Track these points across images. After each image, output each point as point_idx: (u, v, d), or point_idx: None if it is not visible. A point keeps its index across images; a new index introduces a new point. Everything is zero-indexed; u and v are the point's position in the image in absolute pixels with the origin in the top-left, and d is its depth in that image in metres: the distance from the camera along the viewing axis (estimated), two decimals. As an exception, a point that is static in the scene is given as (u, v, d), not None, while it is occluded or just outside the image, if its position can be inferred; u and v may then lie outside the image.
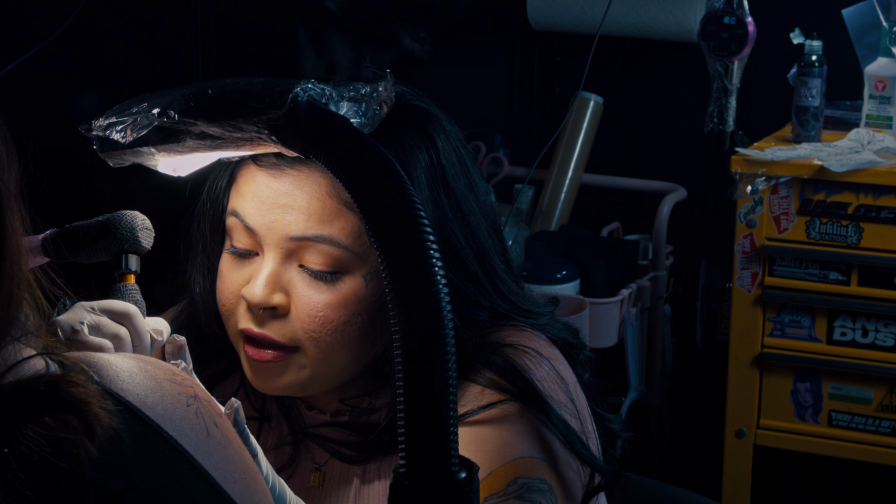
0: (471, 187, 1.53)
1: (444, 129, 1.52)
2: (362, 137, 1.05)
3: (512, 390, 1.48)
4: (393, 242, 0.99)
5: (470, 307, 1.50)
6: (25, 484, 0.90)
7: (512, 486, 1.44)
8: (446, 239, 1.48)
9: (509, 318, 1.55)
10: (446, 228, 1.49)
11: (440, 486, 0.99)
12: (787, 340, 2.92)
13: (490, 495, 1.42)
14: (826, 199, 2.84)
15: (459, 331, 1.48)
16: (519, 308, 1.55)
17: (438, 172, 1.49)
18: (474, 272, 1.51)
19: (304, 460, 1.59)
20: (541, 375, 1.50)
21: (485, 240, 1.53)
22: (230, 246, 1.51)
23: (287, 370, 1.48)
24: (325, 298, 1.45)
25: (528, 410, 1.47)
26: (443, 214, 1.49)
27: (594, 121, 3.37)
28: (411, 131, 1.49)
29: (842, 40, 3.13)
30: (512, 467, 1.45)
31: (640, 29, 3.34)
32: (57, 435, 0.91)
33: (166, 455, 0.98)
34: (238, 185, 1.49)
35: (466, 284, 1.50)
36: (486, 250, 1.53)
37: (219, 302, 1.52)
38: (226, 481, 1.01)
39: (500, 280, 1.55)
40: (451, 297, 1.45)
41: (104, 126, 1.15)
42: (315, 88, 1.08)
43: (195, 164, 1.20)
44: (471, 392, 1.49)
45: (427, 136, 1.50)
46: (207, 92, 1.11)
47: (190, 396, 1.02)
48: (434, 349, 0.98)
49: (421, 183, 1.47)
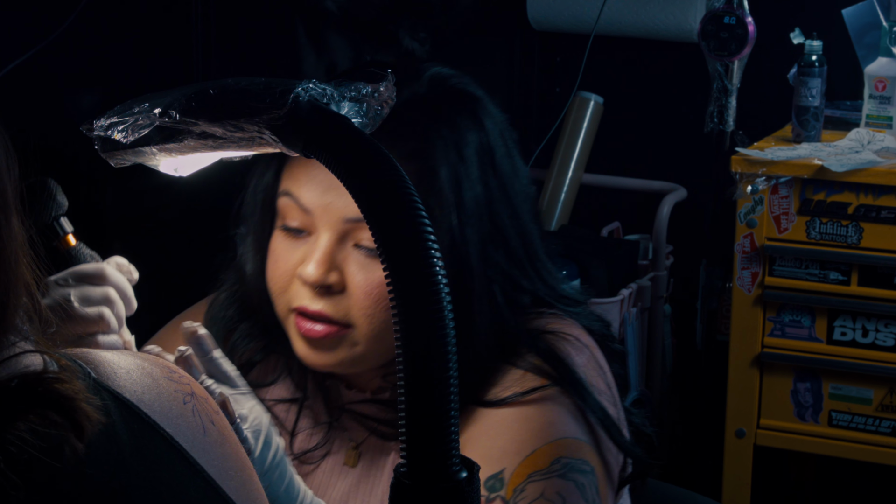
0: (515, 171, 1.56)
1: (490, 113, 1.55)
2: (363, 137, 1.05)
3: (554, 375, 1.50)
4: (394, 242, 0.99)
5: (512, 289, 1.53)
6: (14, 484, 0.89)
7: (556, 465, 1.45)
8: (492, 219, 1.51)
9: (549, 305, 1.57)
10: (493, 209, 1.52)
11: (441, 485, 0.99)
12: (788, 340, 2.92)
13: (534, 472, 1.44)
14: (826, 199, 2.84)
15: (502, 312, 1.51)
16: (558, 293, 1.58)
17: (487, 153, 1.52)
18: (518, 254, 1.54)
19: (341, 440, 1.60)
20: (581, 362, 1.53)
21: (528, 223, 1.56)
22: (283, 224, 1.53)
23: (340, 346, 1.50)
24: (380, 276, 1.45)
25: (570, 395, 1.49)
26: (490, 195, 1.52)
27: (594, 121, 3.37)
28: (462, 112, 1.52)
29: (842, 40, 3.13)
30: (556, 446, 1.46)
31: (640, 29, 3.35)
32: (47, 432, 0.91)
33: (163, 452, 0.98)
34: (291, 166, 1.51)
35: (510, 266, 1.53)
36: (529, 233, 1.56)
37: (270, 281, 1.53)
38: (221, 478, 1.01)
39: (542, 264, 1.58)
40: (495, 278, 1.52)
41: (105, 126, 1.15)
42: (316, 88, 1.08)
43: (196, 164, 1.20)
44: (511, 376, 1.51)
45: (476, 118, 1.53)
46: (209, 92, 1.11)
47: (187, 394, 1.03)
48: (435, 349, 0.98)
49: (472, 162, 1.50)
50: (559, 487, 1.44)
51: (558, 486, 1.44)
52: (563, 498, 1.44)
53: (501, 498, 1.44)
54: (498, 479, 1.45)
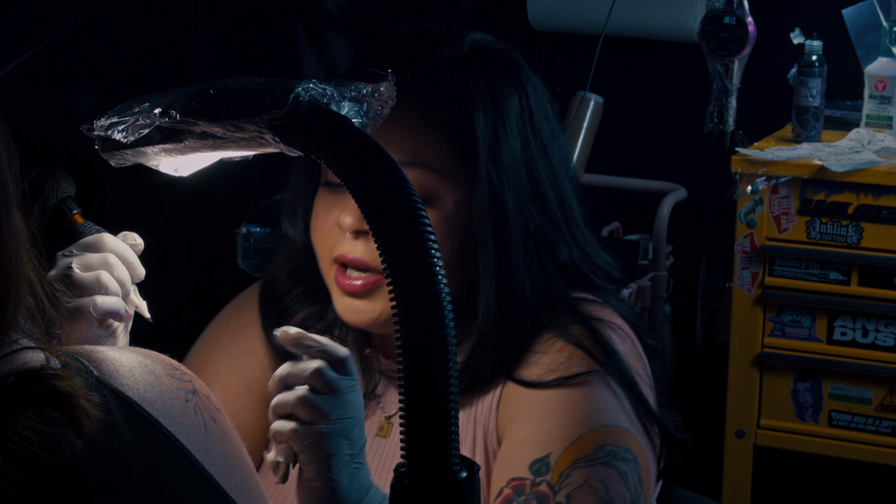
0: (554, 135, 1.60)
1: (530, 78, 1.61)
2: (364, 138, 1.05)
3: (600, 358, 1.52)
4: (394, 241, 0.99)
5: (550, 249, 1.56)
6: (14, 481, 0.89)
7: (599, 452, 1.48)
8: (531, 176, 1.55)
9: (586, 282, 1.59)
10: (531, 166, 1.56)
11: (441, 485, 0.99)
12: (788, 340, 2.92)
13: (579, 459, 1.47)
14: (826, 199, 2.84)
15: (542, 268, 1.55)
16: (593, 262, 1.61)
17: (527, 112, 1.56)
18: (555, 215, 1.57)
19: (374, 411, 1.63)
20: (625, 350, 1.56)
21: (566, 188, 1.60)
22: (325, 181, 1.57)
23: (377, 297, 1.54)
24: None
25: (615, 383, 1.52)
26: (529, 153, 1.55)
27: (594, 121, 3.37)
28: (502, 70, 1.58)
29: (842, 40, 3.13)
30: (600, 433, 1.49)
31: (640, 29, 3.34)
32: (45, 429, 0.91)
33: (164, 450, 0.98)
34: None
35: (547, 226, 1.56)
36: (568, 198, 1.60)
37: (313, 234, 1.58)
38: (222, 477, 1.01)
39: (579, 230, 1.61)
40: (533, 233, 1.55)
41: (106, 126, 1.15)
42: (317, 88, 1.08)
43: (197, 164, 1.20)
44: (553, 345, 1.54)
45: (516, 78, 1.58)
46: (209, 92, 1.11)
47: (189, 392, 1.03)
48: (436, 349, 0.98)
49: (510, 117, 1.55)
50: (602, 475, 1.47)
51: (602, 473, 1.47)
52: (607, 486, 1.46)
53: (547, 483, 1.47)
54: (544, 463, 1.48)
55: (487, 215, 1.52)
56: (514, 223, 1.53)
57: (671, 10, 3.29)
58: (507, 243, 1.53)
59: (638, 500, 1.49)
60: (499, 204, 1.52)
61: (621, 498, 1.47)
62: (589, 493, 1.46)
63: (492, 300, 1.52)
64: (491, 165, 1.52)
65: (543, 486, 1.46)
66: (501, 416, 1.54)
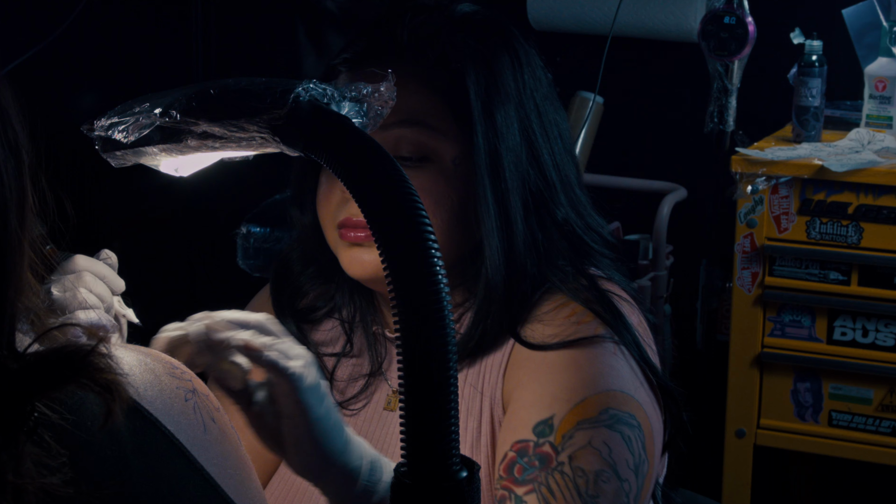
0: (548, 99, 1.62)
1: (522, 44, 1.63)
2: (364, 137, 1.05)
3: (610, 322, 1.54)
4: (394, 241, 0.99)
5: (547, 208, 1.58)
6: (57, 450, 0.91)
7: (604, 415, 1.49)
8: (526, 135, 1.58)
9: (580, 240, 1.61)
10: (526, 125, 1.58)
11: (441, 484, 0.99)
12: (788, 340, 2.92)
13: (583, 420, 1.48)
14: (826, 199, 2.84)
15: (540, 223, 1.57)
16: (587, 223, 1.62)
17: (518, 72, 1.59)
18: (550, 175, 1.59)
19: (381, 386, 1.65)
20: (635, 321, 1.58)
21: (560, 151, 1.62)
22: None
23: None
24: (415, 183, 1.51)
25: (622, 349, 1.54)
26: (523, 112, 1.58)
27: (594, 121, 3.37)
28: (494, 35, 1.61)
29: (842, 40, 3.13)
30: (605, 397, 1.50)
31: (640, 29, 3.35)
32: (82, 403, 0.93)
33: (163, 449, 0.98)
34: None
35: (543, 185, 1.58)
36: (562, 157, 1.62)
37: (319, 209, 1.61)
38: (221, 477, 1.01)
39: (575, 195, 1.62)
40: (530, 187, 1.57)
41: (106, 126, 1.15)
42: (317, 88, 1.08)
43: (197, 164, 1.20)
44: (563, 312, 1.55)
45: (507, 42, 1.61)
46: (209, 92, 1.11)
47: (188, 391, 1.03)
48: (436, 350, 0.98)
49: (502, 75, 1.57)
50: (606, 437, 1.48)
51: (605, 435, 1.48)
52: (610, 448, 1.47)
53: (550, 443, 1.48)
54: (548, 424, 1.49)
55: (485, 171, 1.55)
56: (511, 179, 1.56)
57: (671, 10, 3.29)
58: (505, 198, 1.55)
59: (642, 467, 1.50)
60: (495, 160, 1.55)
61: (624, 461, 1.48)
62: (591, 454, 1.47)
63: (495, 254, 1.55)
64: (485, 122, 1.55)
65: (546, 447, 1.48)
66: (507, 383, 1.56)
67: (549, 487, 1.46)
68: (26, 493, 0.89)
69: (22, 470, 0.89)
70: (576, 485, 1.46)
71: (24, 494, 0.89)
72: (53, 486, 0.90)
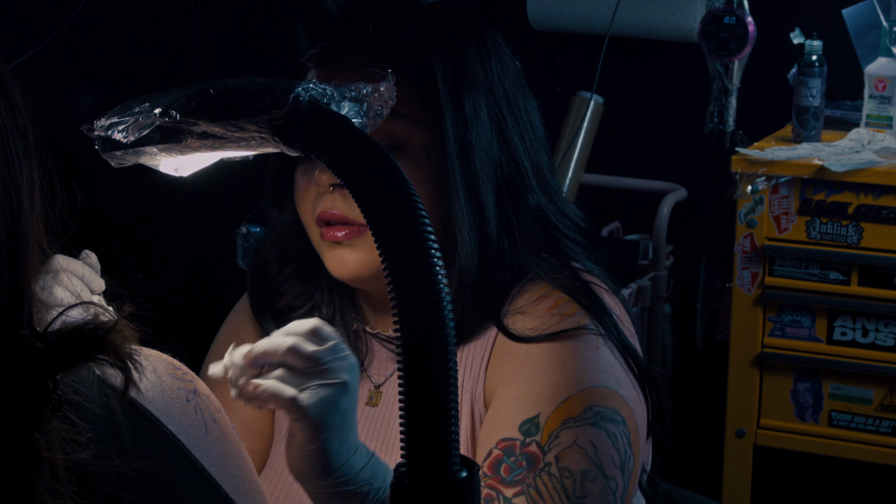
0: (518, 87, 1.64)
1: (490, 34, 1.65)
2: (364, 137, 1.05)
3: (593, 311, 1.55)
4: (394, 241, 0.99)
5: (519, 194, 1.59)
6: (83, 426, 0.92)
7: (588, 413, 1.50)
8: (497, 123, 1.59)
9: (553, 227, 1.62)
10: (497, 112, 1.60)
11: (441, 485, 0.99)
12: (788, 340, 2.92)
13: (568, 419, 1.49)
14: (826, 199, 2.84)
15: (515, 209, 1.58)
16: (560, 210, 1.63)
17: (486, 61, 1.61)
18: (521, 162, 1.61)
19: (363, 382, 1.65)
20: (617, 313, 1.59)
21: (531, 137, 1.63)
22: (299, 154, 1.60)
23: (359, 248, 1.57)
24: None
25: (605, 341, 1.54)
26: (492, 100, 1.59)
27: (594, 121, 3.37)
28: (461, 25, 1.63)
29: (842, 40, 3.13)
30: (588, 394, 1.51)
31: (640, 29, 3.35)
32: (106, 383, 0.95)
33: (165, 449, 0.98)
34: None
35: (515, 171, 1.60)
36: (532, 146, 1.63)
37: (298, 204, 1.61)
38: (221, 477, 1.01)
39: (548, 183, 1.63)
40: (502, 181, 1.58)
41: (105, 126, 1.15)
42: (317, 88, 1.08)
43: (197, 164, 1.20)
44: (545, 303, 1.56)
45: (475, 31, 1.63)
46: (209, 92, 1.11)
47: (190, 392, 1.03)
48: (436, 350, 0.98)
49: (470, 63, 1.59)
50: (591, 435, 1.48)
51: (590, 433, 1.48)
52: (595, 446, 1.48)
53: (537, 443, 1.48)
54: (534, 423, 1.50)
55: (455, 158, 1.56)
56: (481, 165, 1.57)
57: (671, 10, 3.29)
58: (475, 184, 1.56)
59: (627, 463, 1.51)
60: (465, 146, 1.56)
61: (610, 459, 1.49)
62: (578, 454, 1.47)
63: (466, 239, 1.55)
64: (453, 109, 1.56)
65: (533, 447, 1.48)
66: (490, 378, 1.56)
67: (537, 489, 1.47)
68: (59, 468, 0.90)
69: (53, 446, 0.90)
70: (563, 486, 1.47)
71: (58, 470, 0.90)
72: (84, 461, 0.91)
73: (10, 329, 0.92)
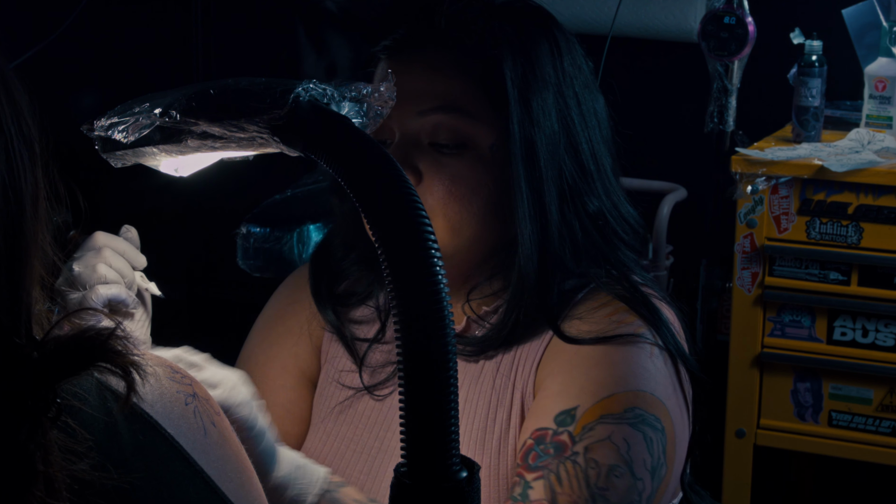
0: (588, 88, 1.64)
1: (563, 31, 1.63)
2: (364, 137, 1.05)
3: (652, 323, 1.53)
4: (394, 241, 0.99)
5: (581, 198, 1.58)
6: (83, 435, 0.92)
7: (629, 413, 1.48)
8: (564, 123, 1.59)
9: (612, 230, 1.61)
10: (565, 113, 1.59)
11: (441, 485, 0.99)
12: (788, 340, 2.92)
13: (606, 415, 1.47)
14: (826, 199, 2.84)
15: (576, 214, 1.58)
16: (619, 213, 1.63)
17: (558, 60, 1.59)
18: (587, 164, 1.60)
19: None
20: (676, 327, 1.58)
21: (598, 137, 1.64)
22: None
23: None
24: (452, 170, 1.54)
25: (660, 353, 1.53)
26: (561, 101, 1.59)
27: (594, 121, 3.37)
28: (533, 23, 1.61)
29: (842, 40, 3.13)
30: (633, 396, 1.49)
31: (640, 29, 3.35)
32: (105, 387, 0.95)
33: (164, 452, 0.98)
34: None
35: (579, 175, 1.59)
36: (599, 147, 1.64)
37: None
38: (221, 480, 1.01)
39: (611, 185, 1.64)
40: (565, 177, 1.57)
41: (106, 126, 1.15)
42: (317, 89, 1.08)
43: (197, 164, 1.20)
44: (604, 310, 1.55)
45: (548, 29, 1.61)
46: (209, 92, 1.11)
47: (189, 395, 1.03)
48: (436, 350, 0.98)
49: (541, 63, 1.57)
50: (627, 434, 1.47)
51: (627, 433, 1.47)
52: (629, 445, 1.46)
53: (569, 433, 1.47)
54: (570, 414, 1.48)
55: (520, 158, 1.55)
56: (546, 167, 1.55)
57: (671, 10, 3.29)
58: (539, 186, 1.55)
59: (659, 470, 1.49)
60: (530, 147, 1.55)
61: (641, 460, 1.47)
62: (609, 449, 1.46)
63: (527, 241, 1.54)
64: (521, 109, 1.55)
65: (564, 436, 1.46)
66: (539, 375, 1.55)
67: (557, 475, 1.45)
68: (56, 480, 0.89)
69: (50, 458, 0.89)
70: (586, 475, 1.45)
71: (55, 482, 0.89)
72: (83, 471, 0.90)
73: (4, 338, 0.92)
